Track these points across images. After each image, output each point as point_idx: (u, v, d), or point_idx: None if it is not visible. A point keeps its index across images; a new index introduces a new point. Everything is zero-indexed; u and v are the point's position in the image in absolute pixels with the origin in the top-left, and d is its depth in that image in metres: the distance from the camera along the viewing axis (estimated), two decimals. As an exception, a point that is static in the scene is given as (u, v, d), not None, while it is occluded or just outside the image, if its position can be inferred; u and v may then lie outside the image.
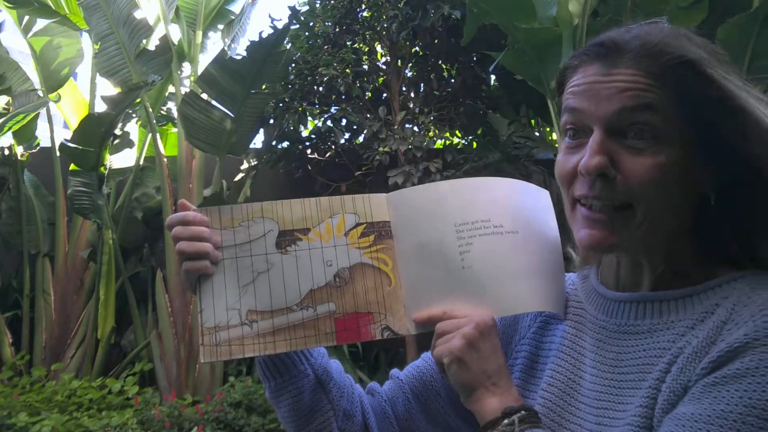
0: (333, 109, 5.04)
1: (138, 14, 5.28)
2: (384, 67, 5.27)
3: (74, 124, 5.68)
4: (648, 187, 0.66)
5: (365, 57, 5.15)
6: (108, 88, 5.39)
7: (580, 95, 0.69)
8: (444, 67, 5.18)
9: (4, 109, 5.41)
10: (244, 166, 5.40)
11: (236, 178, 5.42)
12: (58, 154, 5.29)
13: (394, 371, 0.96)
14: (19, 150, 5.69)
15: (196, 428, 3.74)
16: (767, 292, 0.63)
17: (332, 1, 5.06)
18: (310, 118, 5.08)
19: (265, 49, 4.65)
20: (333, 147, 5.24)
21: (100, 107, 5.07)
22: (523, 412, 0.71)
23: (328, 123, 5.12)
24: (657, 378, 0.65)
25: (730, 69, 0.68)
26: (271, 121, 5.10)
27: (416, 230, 0.83)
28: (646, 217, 0.67)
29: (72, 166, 5.14)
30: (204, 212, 0.79)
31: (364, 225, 0.83)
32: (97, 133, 4.65)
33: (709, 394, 0.59)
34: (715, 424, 0.57)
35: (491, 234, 0.81)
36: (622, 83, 0.66)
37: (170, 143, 5.68)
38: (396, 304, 0.81)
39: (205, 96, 4.87)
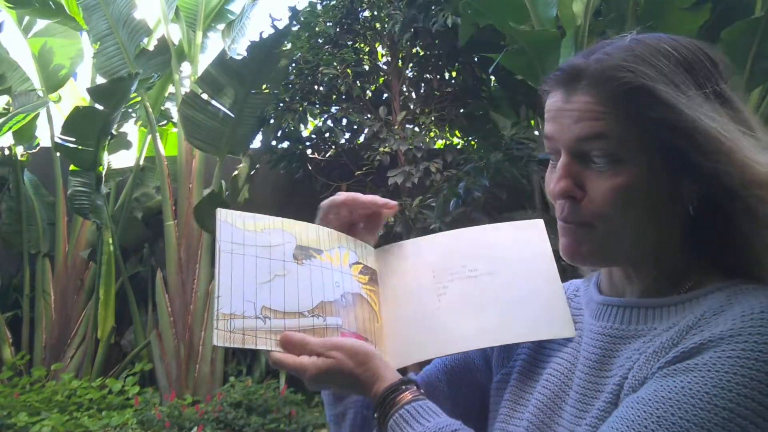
0: (333, 109, 5.03)
1: (137, 14, 5.28)
2: (385, 67, 5.27)
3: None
4: (608, 207, 0.69)
5: (366, 57, 5.15)
6: (108, 87, 5.38)
7: (549, 122, 0.73)
8: (445, 67, 5.18)
9: (4, 109, 5.41)
10: (242, 165, 5.39)
11: (234, 174, 5.41)
12: (57, 154, 5.28)
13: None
14: (19, 150, 5.68)
15: (196, 428, 3.74)
16: (742, 303, 0.64)
17: (333, 1, 5.05)
18: (310, 118, 5.08)
19: (265, 49, 4.65)
20: (333, 147, 5.24)
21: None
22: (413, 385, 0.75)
23: (329, 123, 5.12)
24: (622, 375, 0.68)
25: (705, 79, 0.68)
26: (271, 121, 5.10)
27: (398, 280, 0.90)
28: (607, 233, 0.71)
29: (72, 167, 5.14)
30: (229, 213, 0.84)
31: (362, 265, 0.89)
32: (92, 129, 4.63)
33: (658, 382, 0.62)
34: (653, 406, 0.59)
35: (466, 278, 0.87)
36: (577, 112, 0.69)
37: (170, 143, 5.68)
38: (381, 340, 0.86)
39: (205, 96, 4.87)
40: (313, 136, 5.25)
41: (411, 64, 5.19)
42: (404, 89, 5.22)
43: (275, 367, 0.79)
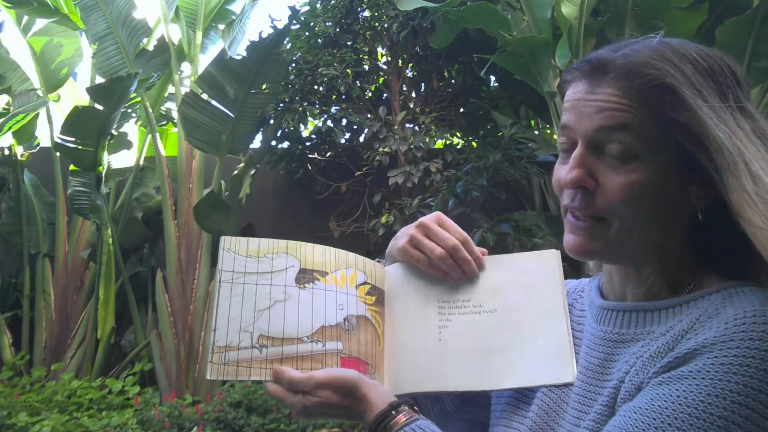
0: (333, 109, 5.04)
1: (137, 14, 5.28)
2: (384, 67, 5.27)
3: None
4: (622, 203, 0.69)
5: (366, 57, 5.15)
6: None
7: (568, 111, 0.73)
8: (445, 67, 5.18)
9: (4, 109, 5.41)
10: (242, 165, 5.40)
11: (234, 174, 5.41)
12: (57, 154, 5.28)
13: None
14: (19, 150, 5.68)
15: (196, 428, 3.74)
16: (735, 306, 0.64)
17: (333, 1, 5.06)
18: (310, 119, 5.08)
19: (265, 49, 4.65)
20: (333, 147, 5.24)
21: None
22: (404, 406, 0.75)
23: (329, 123, 5.12)
24: (619, 379, 0.69)
25: (728, 90, 0.69)
26: (271, 121, 5.10)
27: (403, 303, 0.90)
28: (621, 230, 0.71)
29: (72, 167, 5.14)
30: (233, 240, 0.85)
31: (370, 285, 0.89)
32: (92, 129, 4.63)
33: (654, 390, 0.62)
34: (650, 416, 0.60)
35: (470, 313, 0.87)
36: (602, 102, 0.70)
37: (170, 143, 5.68)
38: (381, 364, 0.86)
39: (205, 96, 4.87)
40: (313, 136, 5.26)
41: (411, 64, 5.19)
42: (404, 89, 5.22)
43: (270, 395, 0.80)
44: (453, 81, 5.23)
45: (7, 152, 5.61)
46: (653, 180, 0.69)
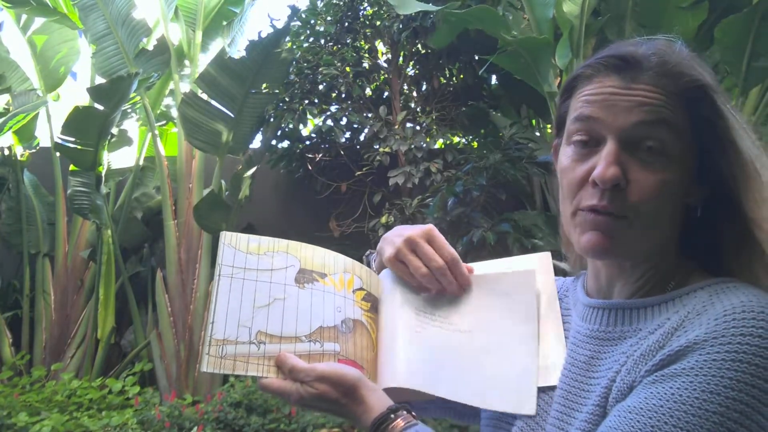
0: (333, 109, 5.03)
1: (137, 14, 5.27)
2: (385, 65, 5.27)
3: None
4: (651, 201, 0.69)
5: (366, 55, 5.14)
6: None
7: (596, 105, 0.71)
8: (446, 66, 5.17)
9: (4, 109, 5.41)
10: (242, 166, 5.40)
11: (234, 174, 5.40)
12: (57, 154, 5.28)
13: None
14: (19, 150, 5.68)
15: (196, 428, 3.74)
16: (723, 302, 0.65)
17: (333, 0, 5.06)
18: (310, 118, 5.08)
19: (264, 49, 4.65)
20: (334, 147, 5.24)
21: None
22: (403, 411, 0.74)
23: (329, 122, 5.12)
24: (610, 378, 0.69)
25: (728, 97, 0.73)
26: (271, 121, 5.10)
27: (392, 310, 0.89)
28: (644, 228, 0.70)
29: (72, 167, 5.14)
30: (234, 236, 0.85)
31: (365, 292, 0.89)
32: (92, 129, 4.63)
33: (647, 389, 0.62)
34: (646, 416, 0.60)
35: (440, 328, 0.87)
36: (642, 98, 0.69)
37: (170, 143, 5.68)
38: (374, 370, 0.85)
39: (204, 96, 4.87)
40: (313, 135, 5.25)
41: (412, 63, 5.19)
42: (405, 88, 5.21)
43: (262, 391, 0.79)
44: (454, 80, 5.22)
45: (7, 152, 5.61)
46: (679, 178, 0.70)
